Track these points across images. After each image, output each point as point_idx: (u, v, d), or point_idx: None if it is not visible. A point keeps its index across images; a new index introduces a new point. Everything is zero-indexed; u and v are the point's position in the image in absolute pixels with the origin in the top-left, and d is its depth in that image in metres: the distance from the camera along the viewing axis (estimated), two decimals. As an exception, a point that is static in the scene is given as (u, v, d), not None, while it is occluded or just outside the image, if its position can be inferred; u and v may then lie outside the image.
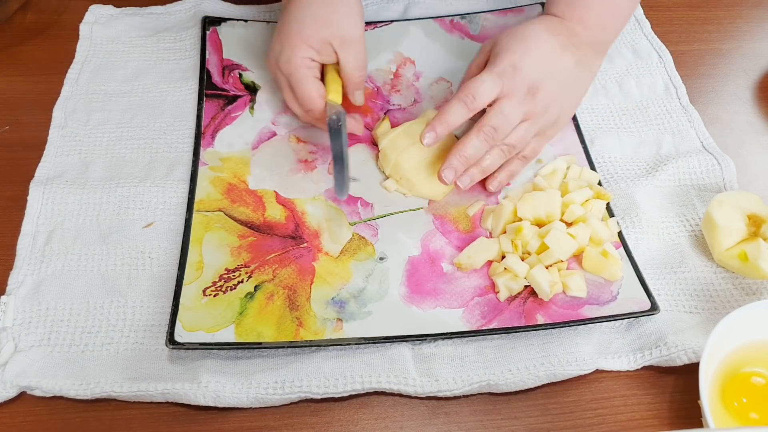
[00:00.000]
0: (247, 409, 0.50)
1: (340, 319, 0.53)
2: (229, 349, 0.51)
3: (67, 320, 0.53)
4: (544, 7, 0.65)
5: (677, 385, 0.52)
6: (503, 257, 0.56)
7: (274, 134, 0.65)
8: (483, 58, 0.61)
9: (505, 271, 0.55)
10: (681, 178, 0.63)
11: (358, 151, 0.64)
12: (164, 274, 0.55)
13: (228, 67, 0.70)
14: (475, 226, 0.59)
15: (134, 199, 0.59)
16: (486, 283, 0.56)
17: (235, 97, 0.67)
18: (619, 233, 0.58)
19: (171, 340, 0.49)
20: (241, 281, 0.54)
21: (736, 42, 0.77)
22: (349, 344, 0.51)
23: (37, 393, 0.49)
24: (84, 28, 0.73)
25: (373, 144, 0.64)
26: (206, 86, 0.67)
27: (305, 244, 0.57)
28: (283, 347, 0.51)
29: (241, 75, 0.69)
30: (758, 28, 0.79)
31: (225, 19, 0.73)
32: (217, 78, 0.69)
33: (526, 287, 0.55)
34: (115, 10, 0.75)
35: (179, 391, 0.49)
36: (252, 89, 0.68)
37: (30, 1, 0.77)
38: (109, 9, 0.75)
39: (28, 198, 0.59)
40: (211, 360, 0.51)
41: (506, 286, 0.55)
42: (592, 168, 0.63)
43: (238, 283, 0.54)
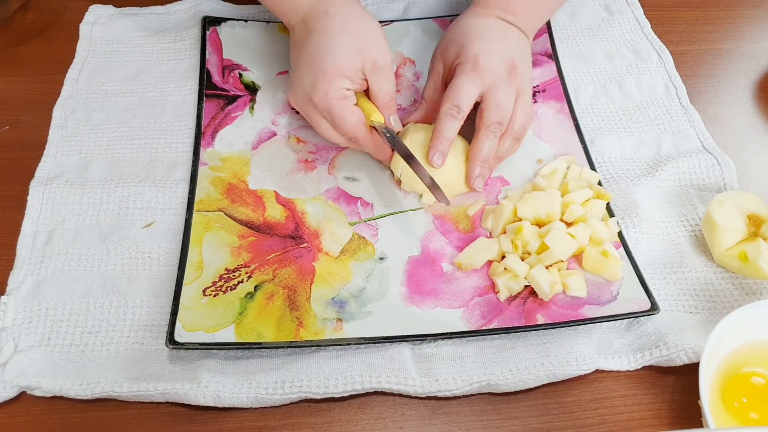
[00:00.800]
0: (247, 409, 0.50)
1: (340, 319, 0.53)
2: (229, 349, 0.51)
3: (67, 320, 0.53)
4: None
5: (677, 385, 0.52)
6: (503, 257, 0.56)
7: (274, 134, 0.65)
8: (438, 71, 0.62)
9: (505, 271, 0.55)
10: (681, 178, 0.63)
11: (359, 151, 0.64)
12: (164, 274, 0.55)
13: (228, 67, 0.70)
14: (475, 226, 0.59)
15: (134, 199, 0.59)
16: (486, 283, 0.56)
17: (235, 97, 0.67)
18: (619, 233, 0.58)
19: (171, 340, 0.49)
20: (241, 281, 0.54)
21: (736, 42, 0.77)
22: (349, 344, 0.51)
23: (37, 393, 0.49)
24: (84, 28, 0.73)
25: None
26: (206, 86, 0.67)
27: (305, 244, 0.57)
28: (283, 347, 0.51)
29: (241, 75, 0.69)
30: (758, 28, 0.79)
31: (225, 19, 0.73)
32: (217, 78, 0.69)
33: (526, 287, 0.55)
34: (115, 10, 0.75)
35: (179, 391, 0.49)
36: (252, 89, 0.68)
37: (30, 1, 0.77)
38: (109, 9, 0.75)
39: (28, 198, 0.59)
40: (211, 360, 0.51)
41: (506, 286, 0.55)
42: (592, 168, 0.63)
43: (238, 283, 0.54)
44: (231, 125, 0.65)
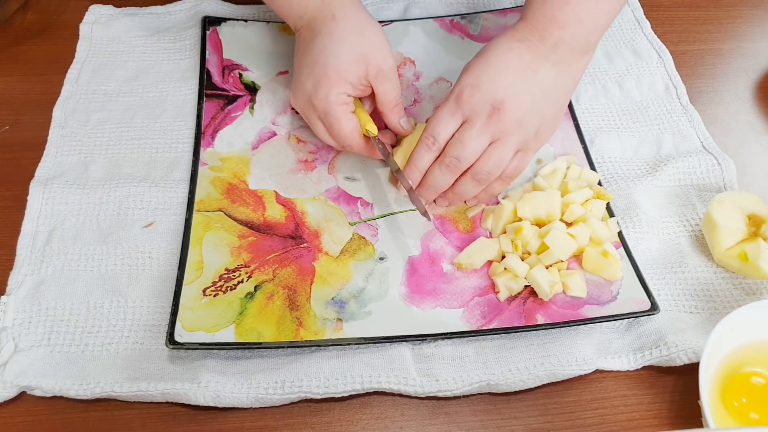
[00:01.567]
0: (247, 409, 0.50)
1: (340, 319, 0.53)
2: (229, 349, 0.51)
3: (67, 320, 0.53)
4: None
5: (677, 385, 0.52)
6: (503, 257, 0.56)
7: (274, 134, 0.65)
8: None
9: (505, 271, 0.55)
10: (681, 178, 0.63)
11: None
12: (164, 274, 0.55)
13: (228, 67, 0.70)
14: (475, 226, 0.59)
15: (134, 199, 0.59)
16: (486, 283, 0.56)
17: (235, 97, 0.67)
18: (619, 233, 0.58)
19: (171, 340, 0.49)
20: (241, 281, 0.54)
21: (736, 42, 0.77)
22: (349, 344, 0.51)
23: (37, 393, 0.49)
24: (84, 28, 0.73)
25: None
26: (206, 86, 0.67)
27: (305, 244, 0.57)
28: (283, 347, 0.51)
29: (241, 75, 0.69)
30: (758, 28, 0.79)
31: (225, 19, 0.73)
32: (217, 78, 0.69)
33: (526, 287, 0.55)
34: (115, 10, 0.75)
35: (179, 391, 0.49)
36: (252, 89, 0.68)
37: (30, 1, 0.77)
38: (109, 9, 0.75)
39: (28, 198, 0.59)
40: (211, 360, 0.51)
41: (506, 286, 0.55)
42: (592, 168, 0.63)
43: (238, 283, 0.54)
44: (231, 125, 0.65)
